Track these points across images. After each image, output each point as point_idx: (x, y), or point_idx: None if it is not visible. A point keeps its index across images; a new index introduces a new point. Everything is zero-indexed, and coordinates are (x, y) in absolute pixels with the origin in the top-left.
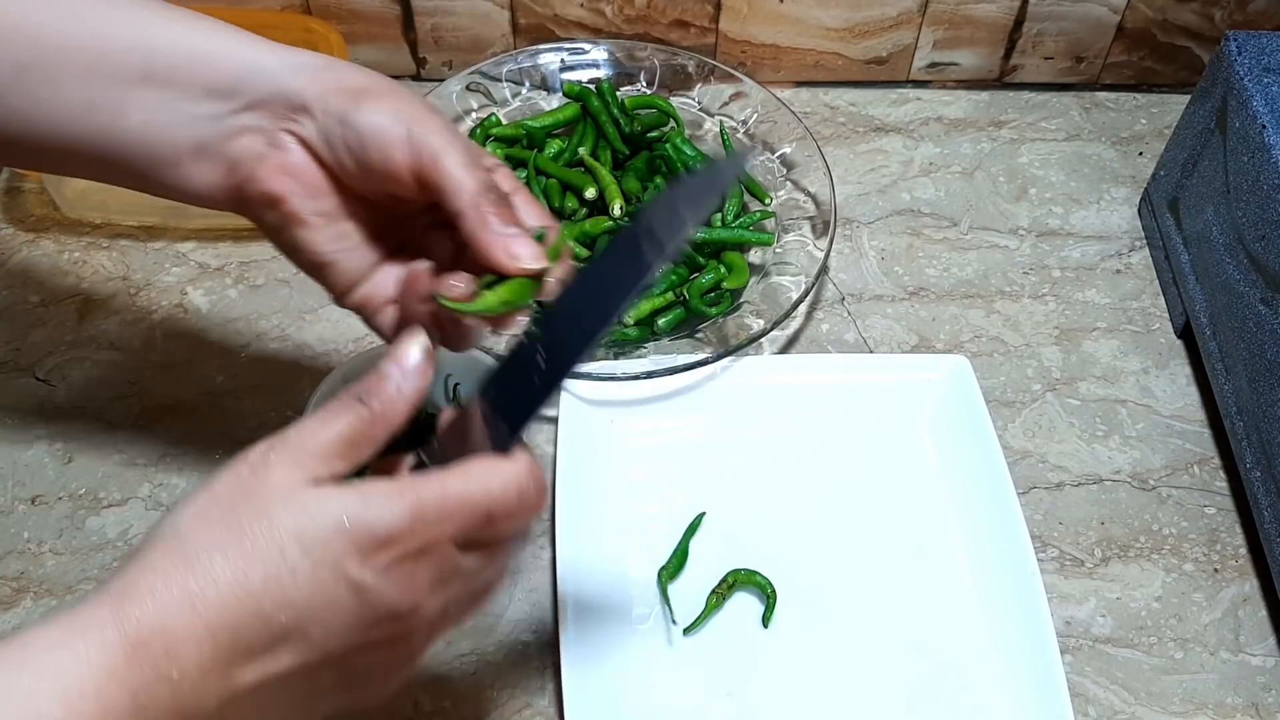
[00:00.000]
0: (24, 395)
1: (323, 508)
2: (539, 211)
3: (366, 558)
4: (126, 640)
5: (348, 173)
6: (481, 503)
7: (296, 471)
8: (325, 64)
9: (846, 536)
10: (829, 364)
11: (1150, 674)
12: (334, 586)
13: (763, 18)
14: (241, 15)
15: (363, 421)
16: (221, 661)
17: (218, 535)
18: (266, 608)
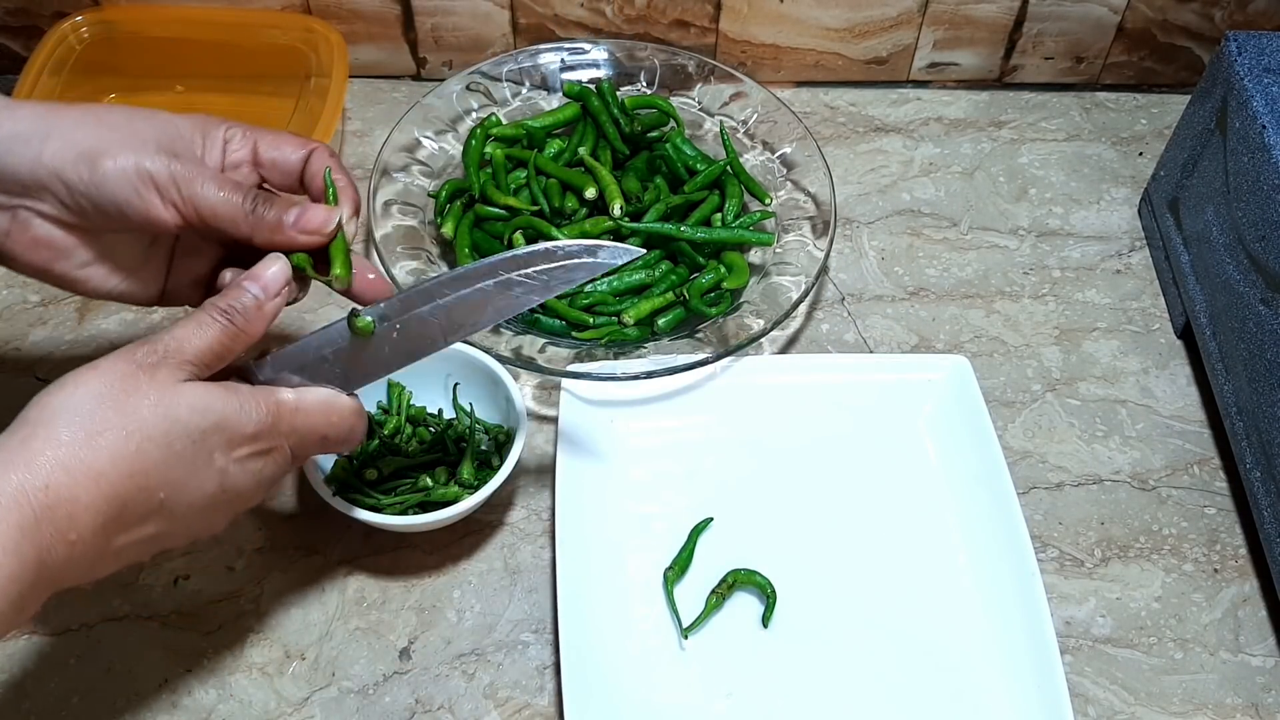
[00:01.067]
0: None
1: (207, 405)
2: (286, 138)
3: (232, 449)
4: (38, 504)
5: (107, 226)
6: (322, 426)
7: (178, 372)
8: (49, 128)
9: (846, 536)
10: (829, 364)
11: (1150, 674)
12: (205, 470)
13: (763, 18)
14: (241, 15)
15: (229, 337)
16: (109, 528)
17: (118, 419)
18: (152, 484)
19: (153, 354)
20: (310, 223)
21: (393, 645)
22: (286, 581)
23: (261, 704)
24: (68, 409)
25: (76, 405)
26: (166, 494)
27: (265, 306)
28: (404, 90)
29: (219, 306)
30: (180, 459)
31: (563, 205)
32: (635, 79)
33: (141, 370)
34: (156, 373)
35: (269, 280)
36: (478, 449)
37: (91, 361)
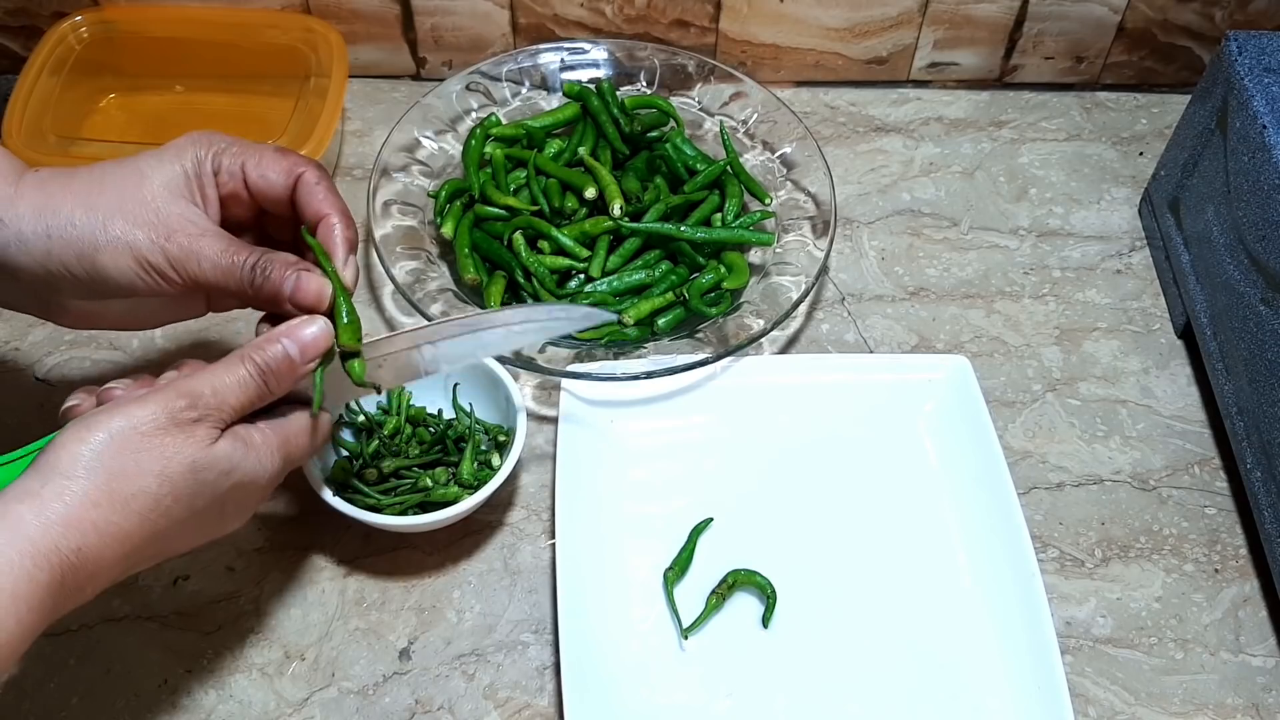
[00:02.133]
0: (24, 395)
1: (233, 465)
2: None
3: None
4: (68, 566)
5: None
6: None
7: (214, 431)
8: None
9: (846, 536)
10: (829, 364)
11: (1150, 674)
12: (219, 516)
13: (763, 18)
14: (241, 15)
15: (260, 395)
16: (120, 577)
17: (154, 484)
18: (168, 536)
19: (192, 410)
20: (305, 296)
21: (393, 645)
22: (286, 581)
23: (261, 704)
24: (103, 465)
25: (113, 463)
26: (182, 543)
27: (298, 369)
28: (404, 90)
29: (256, 363)
30: (198, 514)
31: (563, 205)
32: (635, 79)
33: (180, 428)
34: (195, 431)
35: (307, 343)
36: (478, 449)
37: (123, 403)
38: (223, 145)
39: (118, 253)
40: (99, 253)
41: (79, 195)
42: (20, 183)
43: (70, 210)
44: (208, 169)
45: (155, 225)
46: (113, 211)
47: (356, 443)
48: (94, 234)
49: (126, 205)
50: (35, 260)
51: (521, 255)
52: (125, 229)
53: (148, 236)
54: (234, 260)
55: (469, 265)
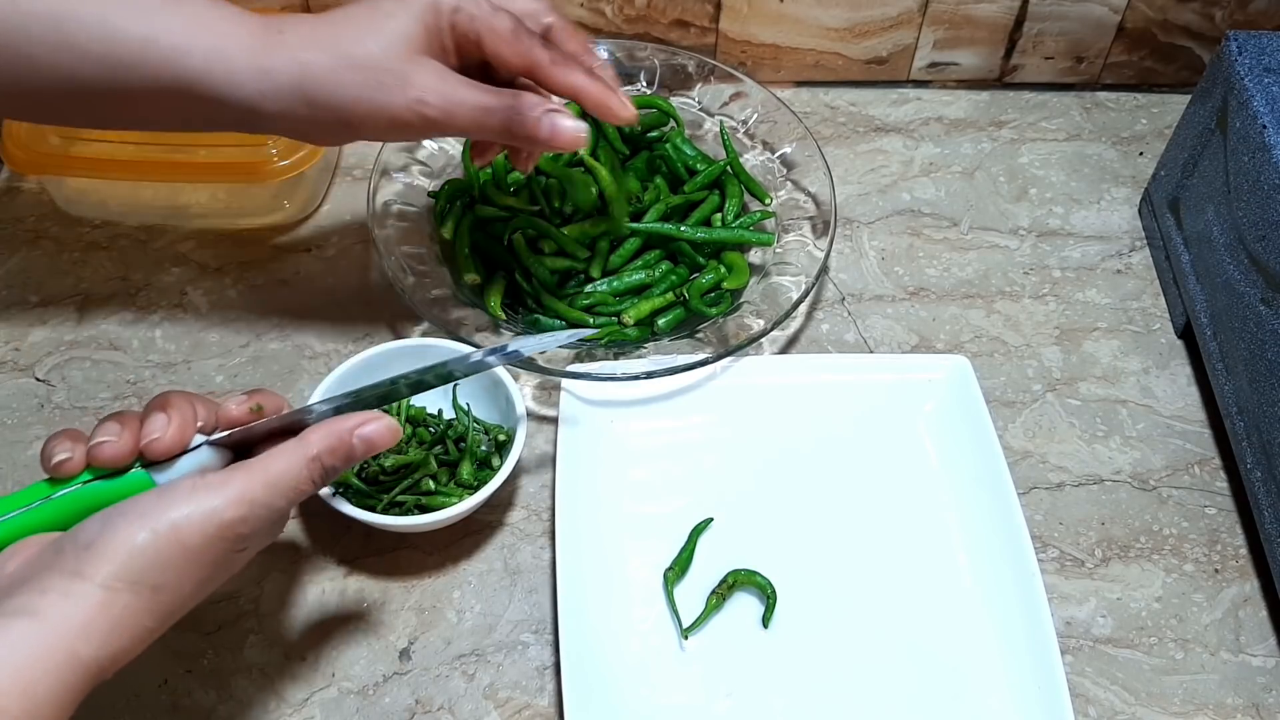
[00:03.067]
0: (24, 395)
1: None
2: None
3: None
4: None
5: None
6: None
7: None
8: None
9: (846, 536)
10: (829, 364)
11: (1151, 674)
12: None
13: (763, 18)
14: None
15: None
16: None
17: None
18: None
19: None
20: (563, 138)
21: (393, 645)
22: (286, 581)
23: (261, 704)
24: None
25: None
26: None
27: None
28: None
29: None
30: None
31: (563, 205)
32: (635, 79)
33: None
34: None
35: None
36: (477, 449)
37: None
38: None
39: (374, 120)
40: (355, 123)
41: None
42: (273, 37)
43: (324, 78)
44: (445, 24)
45: (405, 87)
46: (366, 83)
47: None
48: (348, 104)
49: (378, 76)
50: (286, 114)
51: (522, 256)
52: (380, 99)
53: (401, 101)
54: (488, 108)
55: (469, 266)
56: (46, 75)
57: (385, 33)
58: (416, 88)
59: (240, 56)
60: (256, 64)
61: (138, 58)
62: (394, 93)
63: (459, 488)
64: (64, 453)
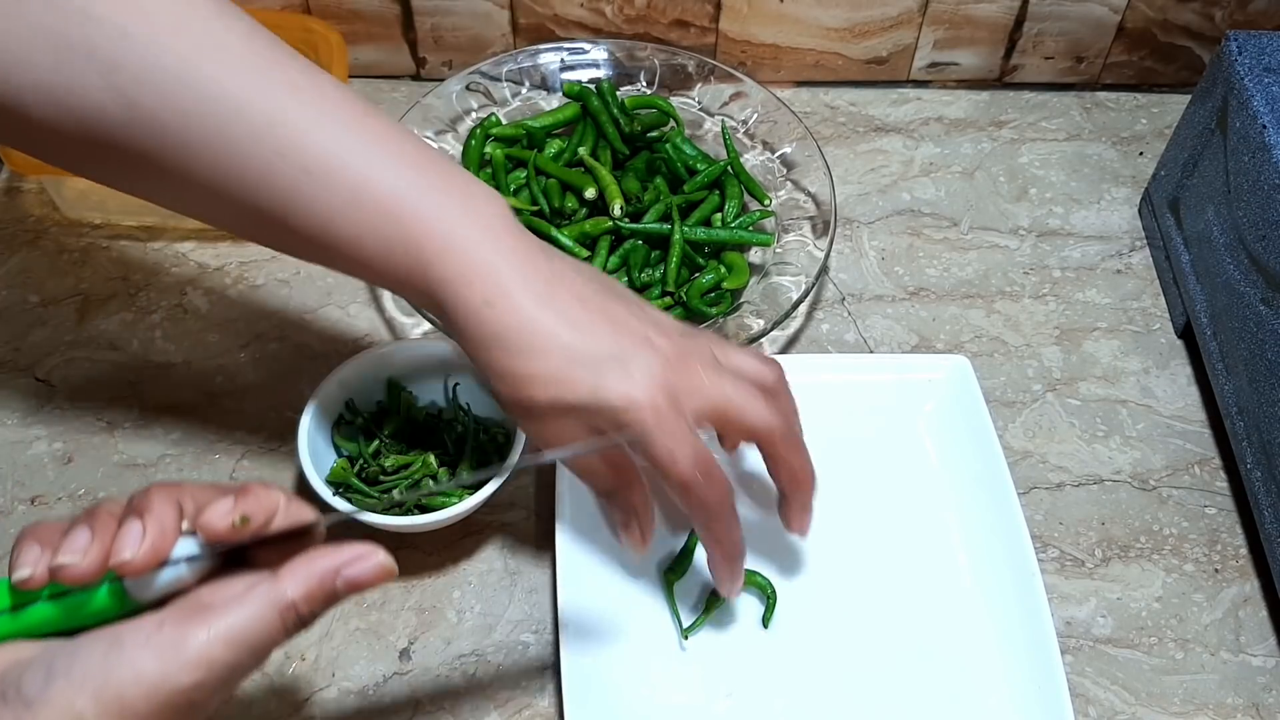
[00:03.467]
0: (24, 395)
1: None
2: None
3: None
4: None
5: None
6: None
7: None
8: None
9: (846, 536)
10: (829, 364)
11: (1151, 674)
12: None
13: (763, 18)
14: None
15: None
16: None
17: None
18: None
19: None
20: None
21: (393, 645)
22: None
23: (261, 704)
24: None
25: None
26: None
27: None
28: (404, 90)
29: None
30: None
31: (563, 205)
32: (635, 79)
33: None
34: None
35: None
36: (478, 449)
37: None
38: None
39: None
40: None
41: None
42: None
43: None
44: None
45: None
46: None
47: (356, 443)
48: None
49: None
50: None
51: None
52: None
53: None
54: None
55: None
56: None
57: None
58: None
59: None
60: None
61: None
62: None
63: (459, 488)
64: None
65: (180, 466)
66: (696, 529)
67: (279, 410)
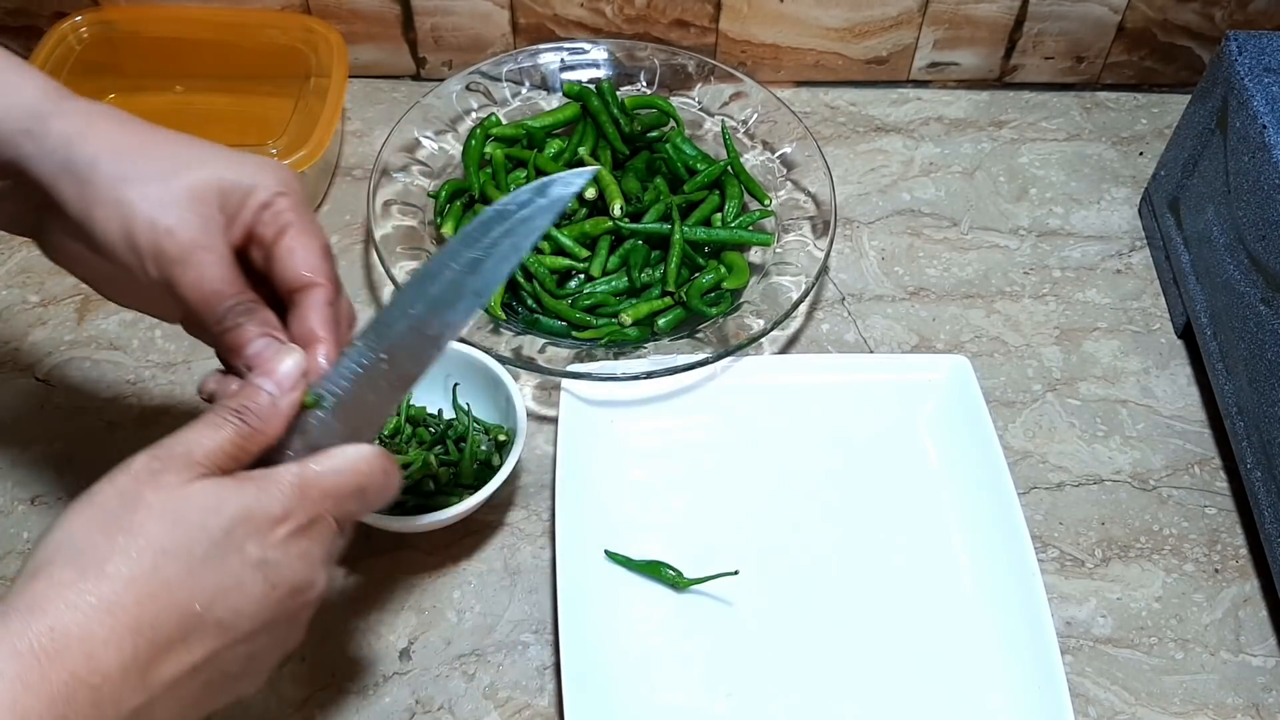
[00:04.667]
0: (24, 395)
1: (220, 499)
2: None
3: (265, 536)
4: (41, 651)
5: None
6: (353, 480)
7: (185, 474)
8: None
9: (847, 536)
10: (829, 364)
11: (1151, 674)
12: (241, 569)
13: (763, 18)
14: (241, 15)
15: (242, 437)
16: (143, 659)
17: (124, 541)
18: (180, 599)
19: (155, 461)
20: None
21: (393, 645)
22: None
23: (261, 704)
24: (69, 543)
25: (77, 537)
26: (203, 605)
27: (280, 403)
28: (404, 90)
29: (231, 407)
30: (205, 565)
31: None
32: (635, 79)
33: (142, 482)
34: (160, 479)
35: (283, 376)
36: (477, 449)
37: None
38: (280, 199)
39: (112, 216)
40: (96, 205)
41: (118, 142)
42: (65, 104)
43: (97, 150)
44: (254, 200)
45: (166, 212)
46: (136, 175)
47: None
48: (103, 185)
49: (154, 178)
50: (44, 179)
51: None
52: (134, 198)
53: (150, 217)
54: (217, 291)
55: None
56: None
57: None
58: (178, 217)
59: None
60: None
61: None
62: (154, 206)
63: (459, 488)
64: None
65: None
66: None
67: None
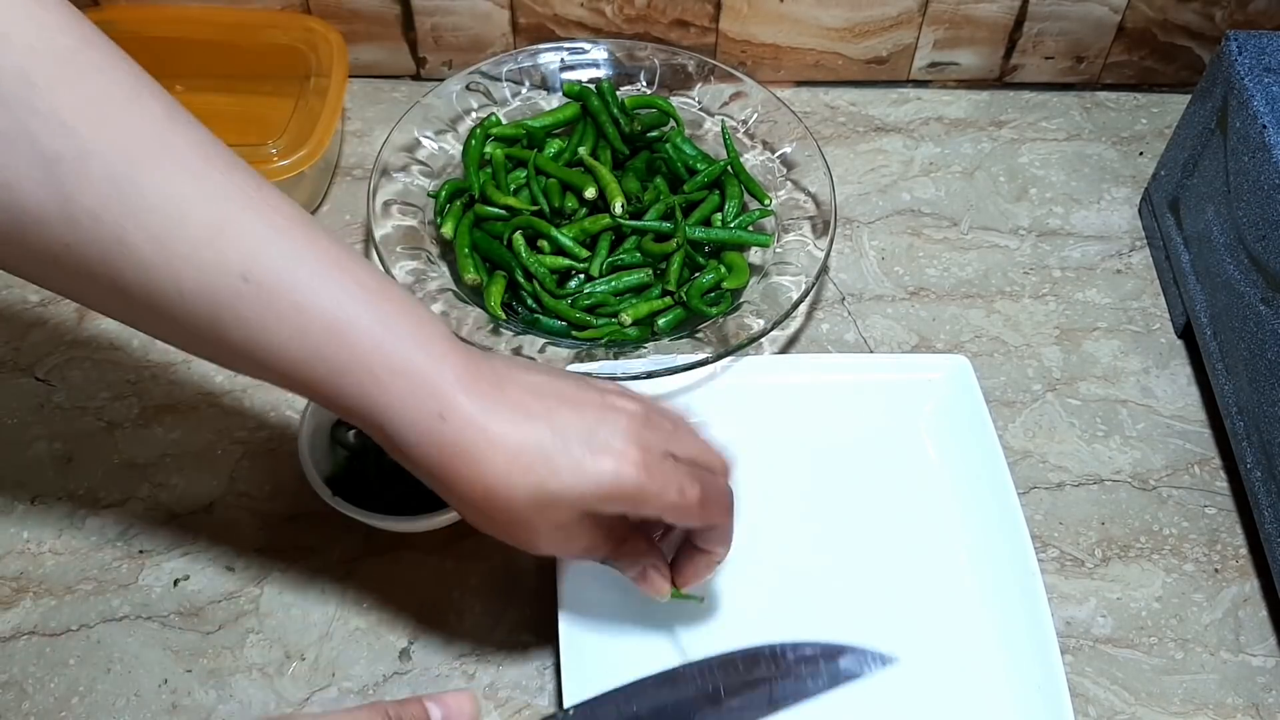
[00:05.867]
0: (24, 395)
1: None
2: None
3: None
4: None
5: None
6: None
7: None
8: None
9: (846, 536)
10: (829, 364)
11: (1150, 674)
12: None
13: (763, 17)
14: (241, 15)
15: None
16: None
17: None
18: None
19: None
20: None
21: (393, 645)
22: (286, 581)
23: (261, 704)
24: None
25: None
26: None
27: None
28: (404, 90)
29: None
30: None
31: (563, 205)
32: (635, 79)
33: None
34: None
35: (454, 713)
36: None
37: None
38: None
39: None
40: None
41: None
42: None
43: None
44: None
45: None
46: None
47: (358, 441)
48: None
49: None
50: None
51: (521, 255)
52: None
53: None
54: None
55: (469, 265)
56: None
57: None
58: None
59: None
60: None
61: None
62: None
63: None
64: None
65: (180, 466)
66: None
67: (279, 410)
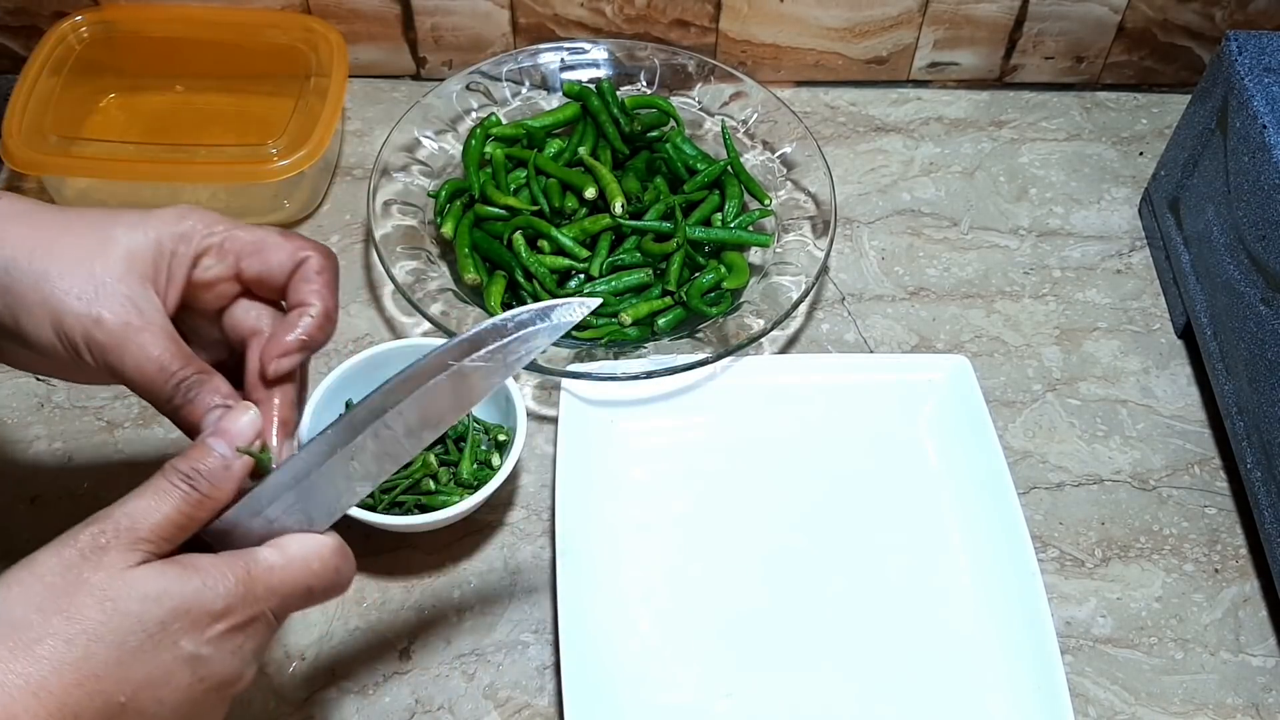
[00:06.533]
0: (24, 395)
1: (162, 590)
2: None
3: (201, 632)
4: None
5: None
6: (303, 579)
7: (130, 555)
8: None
9: (846, 536)
10: (829, 364)
11: (1150, 674)
12: (171, 664)
13: (763, 17)
14: (241, 15)
15: (190, 505)
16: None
17: (56, 623)
18: (107, 689)
19: (100, 535)
20: (226, 433)
21: (393, 645)
22: None
23: (261, 704)
24: (5, 615)
25: (14, 610)
26: (128, 697)
27: (233, 466)
28: (404, 90)
29: (180, 471)
30: (137, 656)
31: (563, 205)
32: (635, 79)
33: (85, 559)
34: (103, 558)
35: (237, 434)
36: (478, 449)
37: (32, 553)
38: (216, 232)
39: (40, 316)
40: (21, 309)
41: (30, 240)
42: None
43: (13, 254)
44: (186, 251)
45: (91, 301)
46: (55, 270)
47: None
48: (24, 287)
49: (73, 268)
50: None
51: (521, 255)
52: (57, 294)
53: (77, 311)
54: (161, 369)
55: (469, 265)
56: None
57: (114, 242)
58: (105, 303)
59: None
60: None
61: None
62: (79, 299)
63: (459, 488)
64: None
65: None
66: None
67: None
